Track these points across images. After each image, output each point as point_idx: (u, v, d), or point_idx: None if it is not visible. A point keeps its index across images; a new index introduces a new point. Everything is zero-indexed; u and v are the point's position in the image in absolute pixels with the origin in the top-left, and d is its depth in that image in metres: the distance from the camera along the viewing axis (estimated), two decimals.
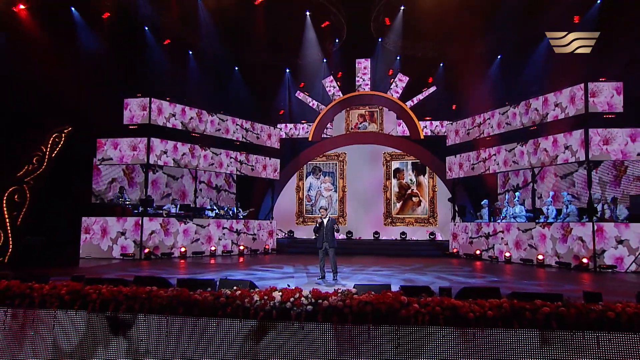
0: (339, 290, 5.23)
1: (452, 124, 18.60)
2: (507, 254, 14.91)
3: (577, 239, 13.03)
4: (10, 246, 13.50)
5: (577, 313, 4.90)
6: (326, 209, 10.41)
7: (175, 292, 5.56)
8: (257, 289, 5.51)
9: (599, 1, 15.55)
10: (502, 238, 15.38)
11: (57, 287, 6.28)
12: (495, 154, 16.46)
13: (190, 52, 19.35)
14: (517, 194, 16.04)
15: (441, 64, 20.03)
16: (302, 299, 5.12)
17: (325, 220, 9.60)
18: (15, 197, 13.51)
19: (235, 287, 5.51)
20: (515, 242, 14.84)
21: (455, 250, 17.16)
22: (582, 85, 13.49)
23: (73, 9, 16.41)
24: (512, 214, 15.51)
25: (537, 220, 14.49)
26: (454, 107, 19.50)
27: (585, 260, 12.63)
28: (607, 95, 13.40)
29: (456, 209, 18.29)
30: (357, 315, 4.98)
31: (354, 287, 5.38)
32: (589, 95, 13.37)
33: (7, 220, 13.60)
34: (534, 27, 16.92)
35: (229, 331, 5.24)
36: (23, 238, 13.43)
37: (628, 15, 14.55)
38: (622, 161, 14.11)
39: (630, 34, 14.49)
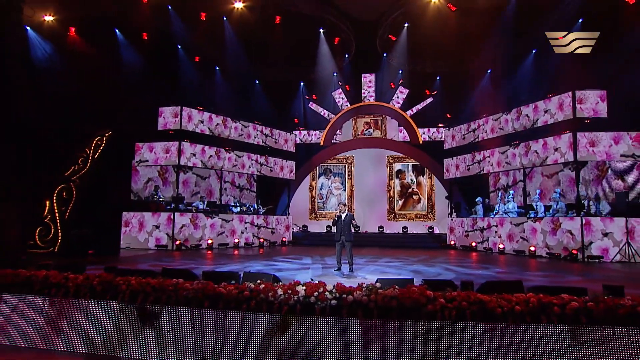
0: (363, 285, 4.43)
1: (449, 129, 17.76)
2: (501, 246, 14.05)
3: (567, 232, 12.22)
4: (60, 237, 13.04)
5: (606, 308, 4.07)
6: (345, 204, 9.48)
7: (201, 285, 4.80)
8: (280, 283, 4.72)
9: (580, 20, 14.60)
10: (495, 231, 14.52)
11: (90, 278, 5.58)
12: (489, 156, 15.64)
13: (217, 68, 18.69)
14: (511, 192, 15.13)
15: (438, 78, 19.17)
16: (327, 293, 4.32)
17: (343, 215, 8.73)
18: (64, 194, 13.03)
19: (258, 281, 4.73)
20: (508, 235, 13.99)
21: (452, 243, 16.29)
22: (570, 93, 12.72)
23: (117, 30, 16.01)
24: (505, 210, 14.64)
25: (528, 215, 13.62)
26: (448, 115, 18.68)
27: (574, 252, 11.81)
28: (593, 102, 12.66)
29: (452, 205, 17.44)
30: (383, 310, 4.18)
31: (377, 282, 4.56)
32: (577, 102, 12.56)
33: (57, 214, 13.11)
34: (521, 45, 16.07)
35: (253, 325, 4.46)
36: (70, 230, 12.91)
37: (606, 33, 13.63)
38: (604, 162, 13.27)
39: (608, 49, 13.58)
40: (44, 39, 14.93)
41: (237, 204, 16.70)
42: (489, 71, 17.92)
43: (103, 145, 12.95)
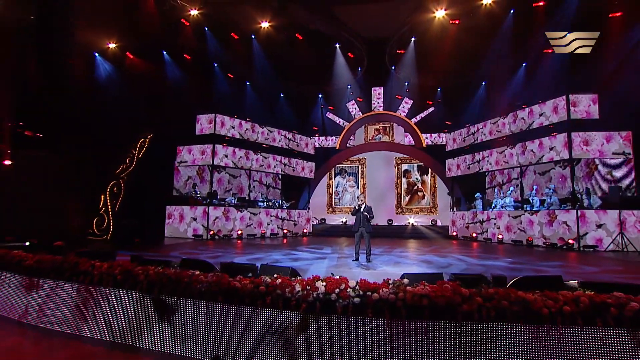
0: (389, 281, 3.31)
1: (450, 133, 16.42)
2: (500, 236, 12.69)
3: (562, 224, 10.85)
4: (111, 227, 12.36)
5: None
6: (364, 196, 8.00)
7: (215, 278, 3.76)
8: (298, 278, 3.62)
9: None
10: (494, 223, 13.15)
11: (113, 267, 4.63)
12: (488, 156, 14.25)
13: (248, 83, 17.81)
14: (511, 188, 13.73)
15: (439, 89, 17.85)
16: (349, 290, 3.22)
17: (362, 207, 7.52)
18: (115, 189, 12.31)
19: (275, 275, 3.65)
20: (507, 227, 12.62)
21: (454, 234, 14.95)
22: (564, 97, 11.31)
23: (164, 52, 15.35)
24: (502, 204, 13.26)
25: (525, 208, 12.23)
26: (448, 122, 17.33)
27: (571, 241, 10.43)
28: (585, 104, 11.25)
29: (454, 200, 16.09)
30: (412, 310, 3.06)
31: (403, 277, 3.42)
32: (571, 105, 11.17)
33: (110, 207, 12.41)
34: (514, 58, 14.60)
35: (268, 322, 3.39)
36: (120, 221, 12.22)
37: (596, 41, 12.15)
38: (593, 159, 11.82)
39: (598, 55, 12.10)
40: (105, 61, 14.52)
41: (264, 200, 15.74)
42: (483, 83, 16.52)
43: (146, 145, 12.16)
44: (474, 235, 13.79)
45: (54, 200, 11.85)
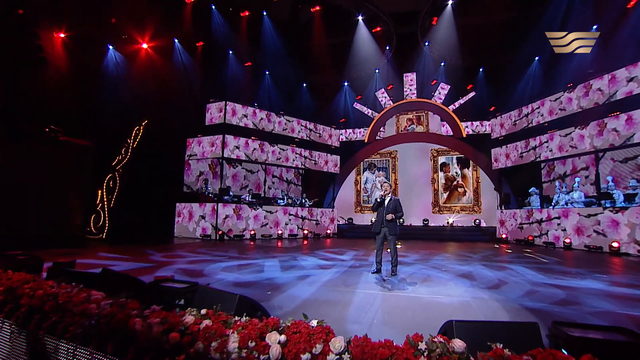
0: (420, 343, 1.46)
1: (497, 117, 14.00)
2: (567, 240, 10.18)
3: None
4: (107, 224, 11.32)
5: None
6: (390, 185, 5.49)
7: (108, 311, 2.12)
8: (246, 318, 1.85)
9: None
10: (558, 224, 10.64)
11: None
12: (547, 141, 11.71)
13: (267, 72, 16.40)
14: (577, 179, 11.13)
15: (481, 70, 15.43)
16: (331, 357, 1.44)
17: (386, 200, 5.36)
18: (111, 183, 11.24)
19: (203, 311, 1.92)
20: (576, 228, 10.08)
21: (504, 236, 12.52)
22: None
23: (176, 40, 14.32)
24: (568, 200, 10.73)
25: (605, 205, 9.63)
26: (492, 108, 14.86)
27: None
28: None
29: (502, 197, 13.64)
30: None
31: (451, 332, 1.56)
32: None
33: (106, 203, 11.39)
34: (581, 21, 11.92)
35: None
36: (116, 217, 11.19)
37: None
38: None
39: None
40: (116, 50, 13.77)
41: (285, 197, 14.18)
42: (537, 58, 13.91)
43: (141, 133, 10.96)
44: (530, 238, 11.36)
45: (57, 197, 11.04)
